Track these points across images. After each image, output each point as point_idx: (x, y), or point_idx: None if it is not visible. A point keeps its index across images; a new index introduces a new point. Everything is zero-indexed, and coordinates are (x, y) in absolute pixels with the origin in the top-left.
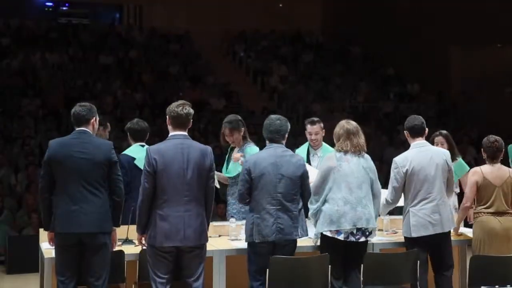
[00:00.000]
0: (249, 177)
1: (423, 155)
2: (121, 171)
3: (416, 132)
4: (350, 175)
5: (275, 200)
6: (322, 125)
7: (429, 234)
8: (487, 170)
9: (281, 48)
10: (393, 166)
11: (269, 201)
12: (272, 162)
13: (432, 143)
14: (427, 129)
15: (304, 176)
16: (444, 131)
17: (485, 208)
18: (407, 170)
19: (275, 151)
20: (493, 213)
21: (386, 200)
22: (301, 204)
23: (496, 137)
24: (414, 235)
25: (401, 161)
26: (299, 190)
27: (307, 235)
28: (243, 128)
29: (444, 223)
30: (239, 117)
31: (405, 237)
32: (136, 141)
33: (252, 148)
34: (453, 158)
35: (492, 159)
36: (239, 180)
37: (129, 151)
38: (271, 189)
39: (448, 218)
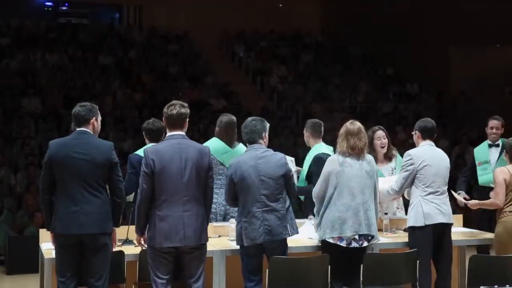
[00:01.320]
0: (231, 182)
1: (434, 152)
2: (131, 170)
3: (428, 134)
4: (353, 180)
5: (259, 202)
6: (305, 127)
7: (440, 222)
8: None
9: (281, 48)
10: (406, 158)
11: (254, 204)
12: (252, 165)
13: (371, 139)
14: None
15: (287, 175)
16: (381, 127)
17: (509, 207)
18: (422, 162)
19: (255, 153)
20: None
21: (392, 189)
22: (288, 202)
23: None
24: (427, 222)
25: (416, 154)
26: (283, 189)
27: (297, 232)
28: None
29: (450, 215)
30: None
31: (411, 228)
32: (151, 141)
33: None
34: (391, 155)
35: None
36: (224, 185)
37: (140, 151)
38: (255, 192)
39: (451, 212)
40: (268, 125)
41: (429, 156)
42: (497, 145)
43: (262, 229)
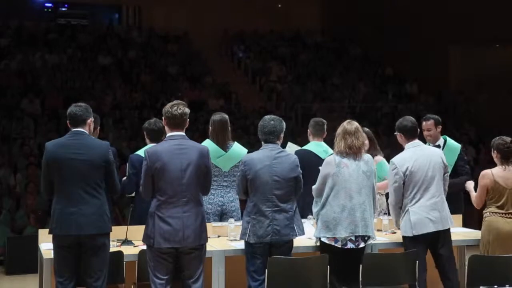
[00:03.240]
0: (244, 178)
1: (420, 154)
2: (132, 170)
3: (410, 133)
4: (350, 181)
5: (270, 201)
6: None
7: (429, 232)
8: (498, 173)
9: (280, 48)
10: (391, 167)
11: (265, 203)
12: (267, 164)
13: None
14: (418, 129)
15: (298, 177)
16: (366, 128)
17: (495, 208)
18: (406, 169)
19: (270, 152)
20: (503, 214)
21: (390, 203)
22: (295, 204)
23: (509, 138)
24: (414, 233)
25: (399, 162)
26: (293, 190)
27: (303, 233)
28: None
29: (444, 221)
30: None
31: (404, 237)
32: (152, 141)
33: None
34: (373, 156)
35: (506, 160)
36: (237, 176)
37: (141, 151)
38: (266, 191)
39: (447, 215)
40: (285, 124)
41: (414, 159)
42: (438, 146)
43: (271, 228)
